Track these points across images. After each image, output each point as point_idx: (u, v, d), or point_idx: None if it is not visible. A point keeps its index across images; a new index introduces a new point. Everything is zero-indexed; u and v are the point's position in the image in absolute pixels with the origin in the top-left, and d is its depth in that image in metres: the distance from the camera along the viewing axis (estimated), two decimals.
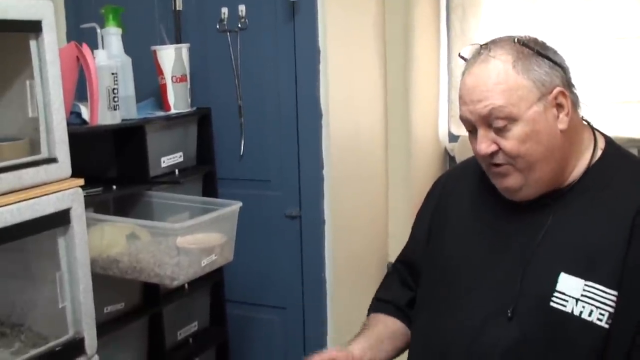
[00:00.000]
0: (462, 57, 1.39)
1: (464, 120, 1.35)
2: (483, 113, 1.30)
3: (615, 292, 1.26)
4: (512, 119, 1.28)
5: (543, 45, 1.34)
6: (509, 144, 1.30)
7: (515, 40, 1.32)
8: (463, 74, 1.36)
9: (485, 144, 1.31)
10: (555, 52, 1.34)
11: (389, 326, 1.57)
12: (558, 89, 1.30)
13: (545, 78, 1.30)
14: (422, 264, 1.53)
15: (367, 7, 2.62)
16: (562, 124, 1.31)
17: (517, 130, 1.29)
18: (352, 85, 2.53)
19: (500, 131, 1.30)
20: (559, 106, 1.31)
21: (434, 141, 2.94)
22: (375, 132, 2.71)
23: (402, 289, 1.60)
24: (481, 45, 1.35)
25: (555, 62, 1.32)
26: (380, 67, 2.71)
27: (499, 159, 1.32)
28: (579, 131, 1.36)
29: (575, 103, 1.34)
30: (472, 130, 1.35)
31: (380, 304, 1.63)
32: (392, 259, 2.65)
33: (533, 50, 1.31)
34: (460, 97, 1.35)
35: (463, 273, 1.42)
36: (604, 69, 2.55)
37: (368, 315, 1.64)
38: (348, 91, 2.50)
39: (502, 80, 1.29)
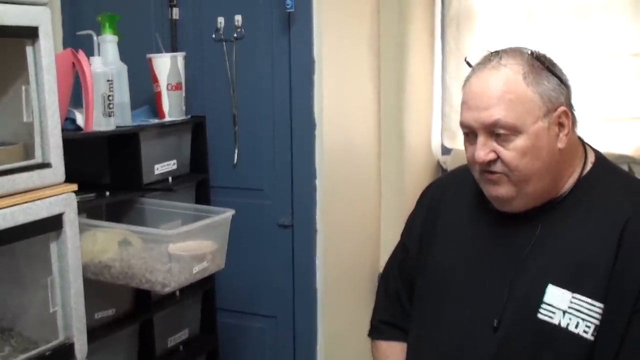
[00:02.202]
0: (469, 63, 1.36)
1: (465, 125, 1.33)
2: (487, 122, 1.28)
3: (601, 305, 1.27)
4: (516, 131, 1.27)
5: (551, 62, 1.33)
6: (509, 155, 1.29)
7: (530, 52, 1.31)
8: (468, 78, 1.34)
9: (484, 152, 1.30)
10: (561, 70, 1.34)
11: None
12: (562, 108, 1.30)
13: (552, 94, 1.29)
14: (415, 274, 1.53)
15: (362, 20, 2.64)
16: (561, 143, 1.31)
17: (519, 142, 1.28)
18: (346, 97, 2.55)
19: (501, 140, 1.29)
20: (561, 125, 1.31)
21: (427, 153, 2.95)
22: (368, 143, 2.72)
23: (401, 308, 1.59)
24: (491, 52, 1.33)
25: (562, 81, 1.31)
26: (375, 79, 2.73)
27: (496, 167, 1.31)
28: (574, 149, 1.37)
29: (574, 123, 1.34)
30: (470, 134, 1.33)
31: (387, 328, 1.60)
32: None
33: (544, 65, 1.30)
34: (465, 102, 1.33)
35: (451, 283, 1.42)
36: (595, 86, 2.56)
37: (374, 338, 1.62)
38: (342, 102, 2.51)
39: (511, 90, 1.27)
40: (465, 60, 1.38)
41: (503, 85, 1.28)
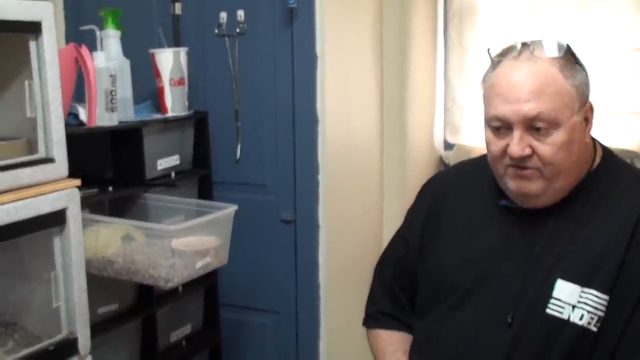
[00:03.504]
0: (490, 55, 1.33)
1: (500, 118, 1.28)
2: (529, 115, 1.25)
3: (606, 297, 1.26)
4: (555, 125, 1.25)
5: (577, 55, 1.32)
6: (546, 149, 1.26)
7: (566, 44, 1.28)
8: (495, 70, 1.30)
9: (521, 147, 1.26)
10: (584, 64, 1.32)
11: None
12: (589, 102, 1.30)
13: (584, 88, 1.29)
14: (417, 269, 1.52)
15: (364, 15, 2.63)
16: (587, 138, 1.31)
17: (557, 136, 1.26)
18: (349, 92, 2.54)
19: (539, 134, 1.26)
20: (586, 119, 1.30)
21: (429, 149, 2.95)
22: (370, 138, 2.72)
23: (397, 300, 1.58)
24: (521, 44, 1.29)
25: (587, 75, 1.31)
26: (377, 74, 2.73)
27: (530, 163, 1.28)
28: (590, 143, 1.37)
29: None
30: (502, 128, 1.29)
31: (385, 317, 1.60)
32: None
33: (575, 57, 1.29)
34: (500, 95, 1.28)
35: (460, 281, 1.41)
36: (597, 81, 2.54)
37: (371, 327, 1.61)
38: (344, 97, 2.51)
39: (551, 82, 1.25)
40: (487, 51, 1.34)
41: (543, 78, 1.25)
